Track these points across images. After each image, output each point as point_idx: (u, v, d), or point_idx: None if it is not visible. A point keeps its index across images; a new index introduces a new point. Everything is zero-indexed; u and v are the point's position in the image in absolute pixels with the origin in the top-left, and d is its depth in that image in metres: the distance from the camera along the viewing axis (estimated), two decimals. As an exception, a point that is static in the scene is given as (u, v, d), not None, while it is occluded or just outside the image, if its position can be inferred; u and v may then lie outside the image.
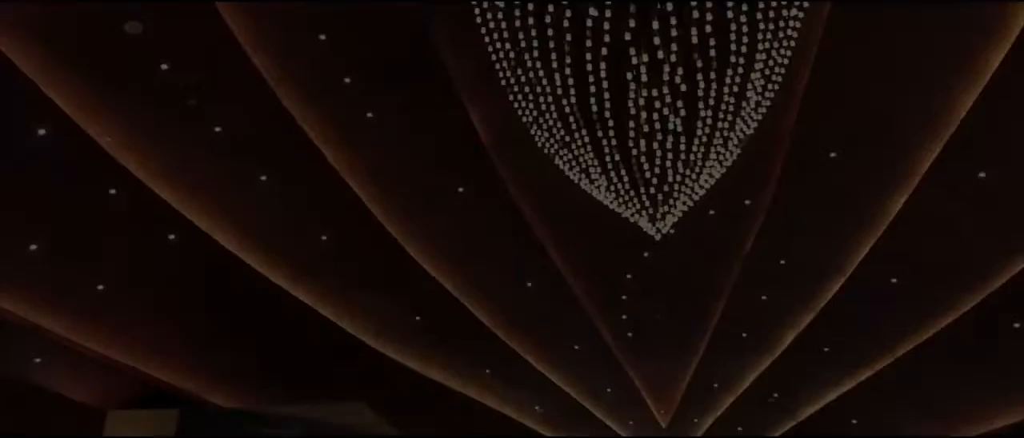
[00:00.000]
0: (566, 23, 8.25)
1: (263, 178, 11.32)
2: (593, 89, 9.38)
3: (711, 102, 9.51)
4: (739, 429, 19.31)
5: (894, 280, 13.72)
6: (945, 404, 15.87)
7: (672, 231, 12.02)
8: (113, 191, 10.17)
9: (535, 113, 9.80)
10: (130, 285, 11.51)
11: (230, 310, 12.73)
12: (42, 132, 9.34)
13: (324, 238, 12.62)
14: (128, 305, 11.70)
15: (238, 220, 11.67)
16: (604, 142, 10.06)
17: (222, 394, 13.73)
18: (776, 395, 17.78)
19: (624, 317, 16.16)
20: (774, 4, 8.11)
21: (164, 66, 9.42)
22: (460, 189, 12.55)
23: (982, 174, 11.37)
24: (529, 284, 14.80)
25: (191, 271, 11.89)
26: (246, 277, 12.18)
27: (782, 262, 14.17)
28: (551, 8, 8.59)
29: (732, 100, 9.52)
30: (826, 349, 15.83)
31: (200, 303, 12.42)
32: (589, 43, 8.64)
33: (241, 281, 12.25)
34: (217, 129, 10.47)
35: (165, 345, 12.53)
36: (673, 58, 8.52)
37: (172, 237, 11.11)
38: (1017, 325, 13.39)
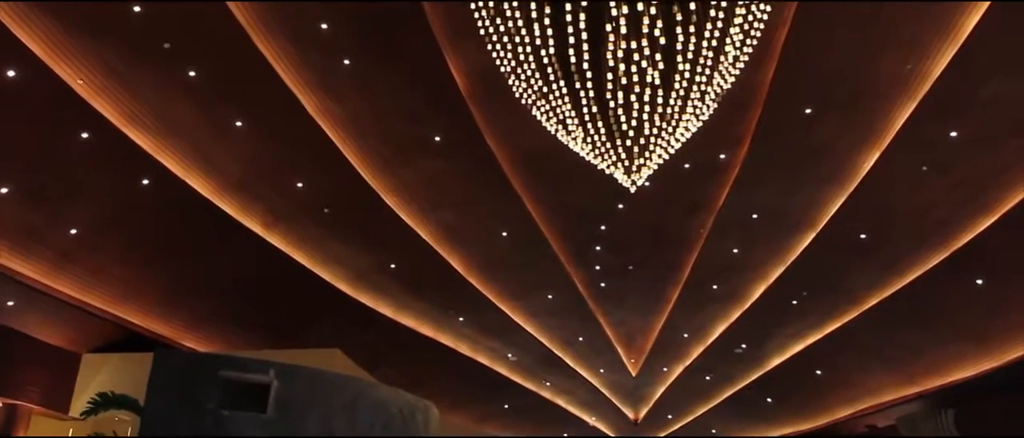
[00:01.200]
0: (546, -27, 8.22)
1: (238, 124, 11.21)
2: (572, 40, 9.39)
3: (689, 56, 9.56)
4: (707, 378, 19.69)
5: (863, 235, 13.95)
6: (907, 357, 16.29)
7: (647, 184, 12.15)
8: (86, 135, 10.02)
9: (514, 63, 9.78)
10: (103, 229, 11.43)
11: (205, 255, 12.71)
12: (12, 74, 9.18)
13: (300, 185, 12.58)
14: (102, 249, 11.63)
15: (213, 166, 11.59)
16: (582, 94, 10.09)
17: (196, 338, 13.78)
18: (744, 346, 18.12)
19: (597, 268, 16.32)
20: (755, -40, 8.12)
21: (137, 8, 9.25)
22: (437, 138, 12.51)
23: (953, 133, 11.53)
24: (504, 234, 14.89)
25: (165, 216, 11.81)
26: (221, 223, 12.14)
27: (754, 216, 14.34)
28: (532, -42, 8.55)
29: (710, 54, 9.57)
30: (794, 302, 16.12)
31: (175, 248, 12.38)
32: (569, -6, 8.63)
33: (216, 227, 12.21)
34: (191, 73, 10.33)
35: (139, 289, 12.51)
36: (652, 10, 8.54)
37: (146, 182, 11.02)
38: (979, 282, 13.69)
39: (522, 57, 9.64)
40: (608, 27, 8.82)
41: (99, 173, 10.75)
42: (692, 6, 8.36)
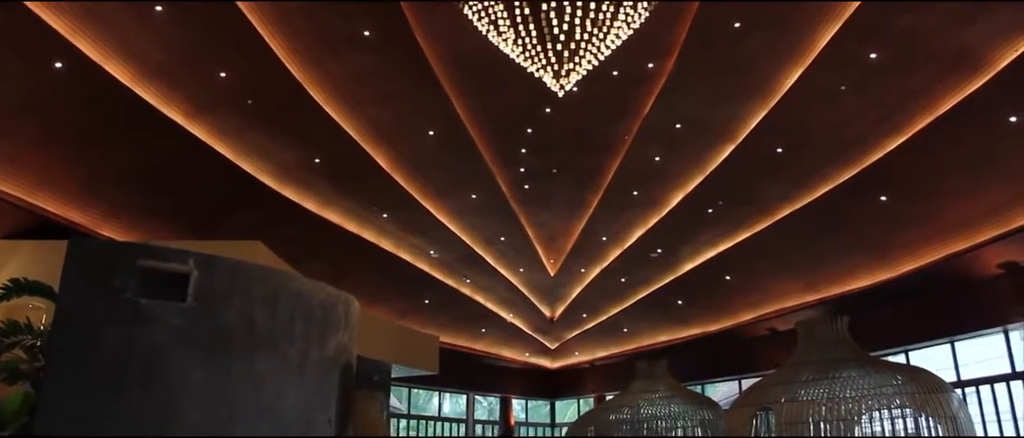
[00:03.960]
0: None
1: (159, 9, 10.74)
2: (506, -61, 9.26)
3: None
4: (622, 280, 20.36)
5: (779, 149, 14.41)
6: (811, 266, 17.15)
7: (575, 89, 12.25)
8: (-9, 12, 9.48)
9: (447, -40, 9.62)
10: (16, 114, 10.94)
11: (123, 144, 12.33)
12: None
13: (223, 75, 12.21)
14: (14, 135, 11.17)
15: (132, 51, 11.12)
16: (514, -5, 10.03)
17: (115, 228, 13.50)
18: (660, 250, 18.73)
19: (522, 170, 16.49)
20: None
21: None
22: (367, 33, 12.26)
23: (873, 55, 11.88)
24: (431, 132, 14.86)
25: (82, 102, 11.35)
26: (140, 111, 11.76)
27: (678, 126, 14.63)
28: None
29: (644, -38, 9.59)
30: (710, 210, 16.67)
31: (92, 135, 11.95)
32: None
33: (135, 115, 11.83)
34: (107, -49, 9.82)
35: (55, 177, 12.11)
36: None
37: (59, 65, 10.53)
38: (883, 198, 14.38)
39: (455, -46, 9.49)
40: (543, -72, 8.73)
41: (10, 55, 10.21)
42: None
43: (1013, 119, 11.79)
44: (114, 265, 3.58)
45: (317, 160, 14.70)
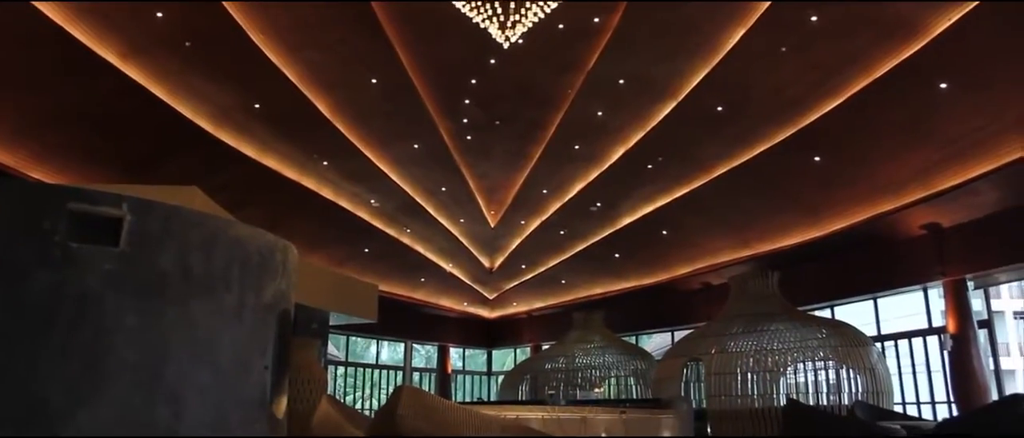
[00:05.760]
0: None
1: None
2: None
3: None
4: (561, 233, 20.58)
5: (719, 108, 14.62)
6: (745, 223, 17.59)
7: (520, 41, 12.21)
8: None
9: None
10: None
11: (54, 85, 11.90)
12: None
13: (160, 15, 11.83)
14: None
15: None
16: (460, -58, 9.92)
17: (45, 170, 13.11)
18: (599, 204, 18.96)
19: (465, 121, 16.43)
20: None
21: None
22: (308, -25, 12.00)
23: (814, 18, 12.07)
24: (374, 80, 14.67)
25: (10, 41, 10.89)
26: (72, 50, 11.35)
27: (621, 81, 14.71)
28: None
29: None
30: (649, 166, 16.88)
31: (21, 76, 11.50)
32: None
33: (66, 55, 11.40)
34: None
35: (-21, 115, 11.68)
36: None
37: (-16, 0, 10.09)
38: (817, 159, 14.75)
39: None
40: None
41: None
42: None
43: (943, 85, 12.16)
44: (44, 208, 3.52)
45: (256, 105, 14.42)
